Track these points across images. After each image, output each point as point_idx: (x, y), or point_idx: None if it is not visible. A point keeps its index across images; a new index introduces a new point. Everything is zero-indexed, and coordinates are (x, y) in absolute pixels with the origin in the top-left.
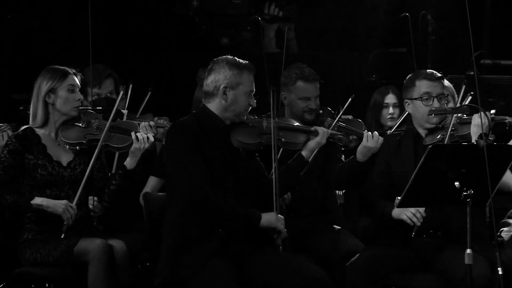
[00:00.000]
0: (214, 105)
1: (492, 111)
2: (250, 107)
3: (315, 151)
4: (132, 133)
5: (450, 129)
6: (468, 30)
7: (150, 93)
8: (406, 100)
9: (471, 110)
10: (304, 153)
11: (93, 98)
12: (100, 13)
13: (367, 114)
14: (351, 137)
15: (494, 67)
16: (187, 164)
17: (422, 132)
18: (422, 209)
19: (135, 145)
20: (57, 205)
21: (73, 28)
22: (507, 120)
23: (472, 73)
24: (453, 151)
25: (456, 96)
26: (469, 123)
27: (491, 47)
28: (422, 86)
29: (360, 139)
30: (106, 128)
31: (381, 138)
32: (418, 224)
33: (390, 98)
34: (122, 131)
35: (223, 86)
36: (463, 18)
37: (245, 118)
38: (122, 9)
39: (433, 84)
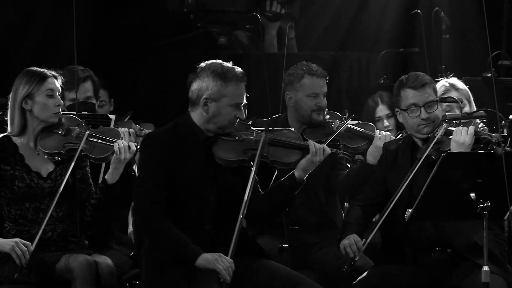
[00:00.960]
0: (196, 115)
1: (511, 117)
2: (238, 120)
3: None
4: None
5: (433, 143)
6: (485, 28)
7: (128, 116)
8: (396, 109)
9: (488, 115)
10: (297, 173)
11: (70, 103)
12: (86, 9)
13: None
14: (356, 157)
15: None
16: (146, 181)
17: (419, 141)
18: (360, 242)
19: (115, 155)
20: (5, 243)
21: (56, 25)
22: (494, 139)
23: (489, 75)
24: (468, 160)
25: (471, 99)
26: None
27: (509, 47)
28: (407, 96)
29: (370, 142)
30: (84, 137)
31: (391, 136)
32: (352, 255)
33: (382, 111)
34: (103, 140)
35: (204, 97)
36: (479, 15)
37: (232, 130)
38: (109, 5)
39: (418, 93)
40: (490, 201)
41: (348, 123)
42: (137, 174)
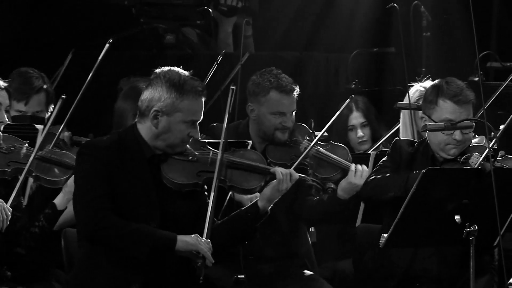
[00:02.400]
0: (144, 128)
1: (502, 127)
2: (191, 139)
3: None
4: None
5: None
6: (471, 25)
7: (61, 100)
8: (422, 116)
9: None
10: (260, 203)
11: (16, 115)
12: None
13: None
14: (327, 185)
15: (503, 72)
16: (86, 193)
17: (439, 157)
18: None
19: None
20: None
21: None
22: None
23: (476, 78)
24: (452, 177)
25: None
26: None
27: (500, 47)
28: (446, 110)
29: (344, 173)
30: (33, 155)
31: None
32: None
33: (356, 118)
34: (58, 163)
35: (154, 109)
36: (465, 9)
37: (183, 150)
38: None
39: (459, 110)
40: (478, 224)
41: (317, 143)
42: (75, 188)
